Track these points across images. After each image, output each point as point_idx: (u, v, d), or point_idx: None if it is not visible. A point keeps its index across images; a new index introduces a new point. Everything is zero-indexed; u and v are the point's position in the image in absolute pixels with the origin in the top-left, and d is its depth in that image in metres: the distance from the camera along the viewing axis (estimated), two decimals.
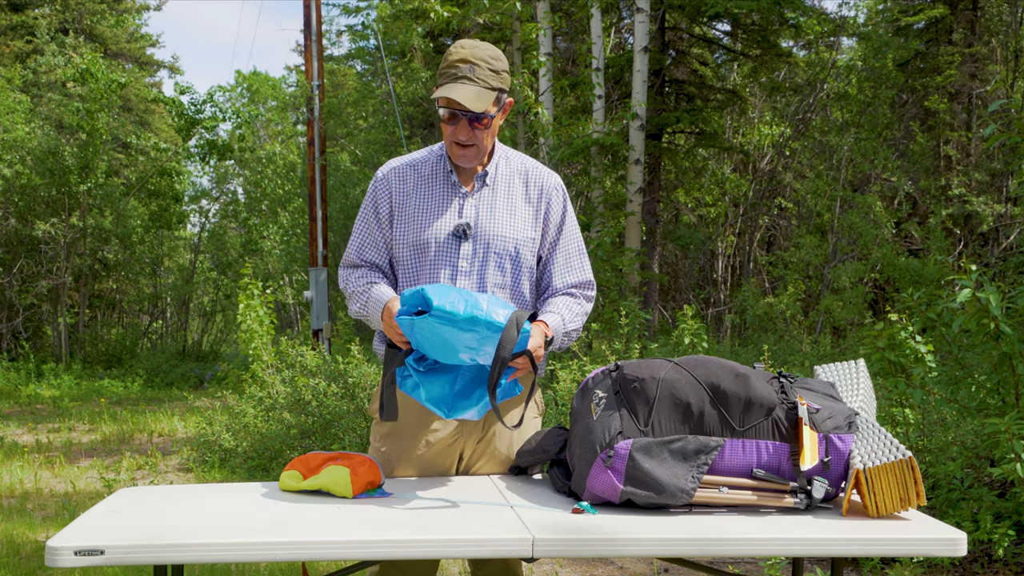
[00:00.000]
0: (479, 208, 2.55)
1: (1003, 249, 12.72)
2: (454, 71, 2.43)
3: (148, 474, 6.99)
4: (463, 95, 2.40)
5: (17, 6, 19.97)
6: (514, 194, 2.59)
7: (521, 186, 2.61)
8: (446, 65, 2.45)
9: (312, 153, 11.38)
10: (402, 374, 2.33)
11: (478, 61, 2.43)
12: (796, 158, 16.57)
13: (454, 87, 2.41)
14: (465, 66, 2.42)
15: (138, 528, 1.95)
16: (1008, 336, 4.20)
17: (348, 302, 2.60)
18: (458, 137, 2.47)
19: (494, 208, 2.55)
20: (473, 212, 2.54)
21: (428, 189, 2.56)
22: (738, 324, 13.45)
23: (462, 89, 2.41)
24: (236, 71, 46.39)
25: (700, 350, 6.62)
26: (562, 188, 2.66)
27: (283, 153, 21.98)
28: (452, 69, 2.43)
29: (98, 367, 15.70)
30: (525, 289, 2.58)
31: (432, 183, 2.57)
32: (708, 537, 1.97)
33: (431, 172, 2.58)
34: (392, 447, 2.54)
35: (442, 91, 2.43)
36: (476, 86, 2.42)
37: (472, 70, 2.42)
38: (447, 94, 2.41)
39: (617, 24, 14.80)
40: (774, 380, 2.24)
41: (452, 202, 2.55)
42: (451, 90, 2.41)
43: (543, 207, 2.60)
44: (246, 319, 8.99)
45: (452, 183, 2.56)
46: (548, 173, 2.64)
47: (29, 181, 15.44)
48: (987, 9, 14.60)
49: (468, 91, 2.41)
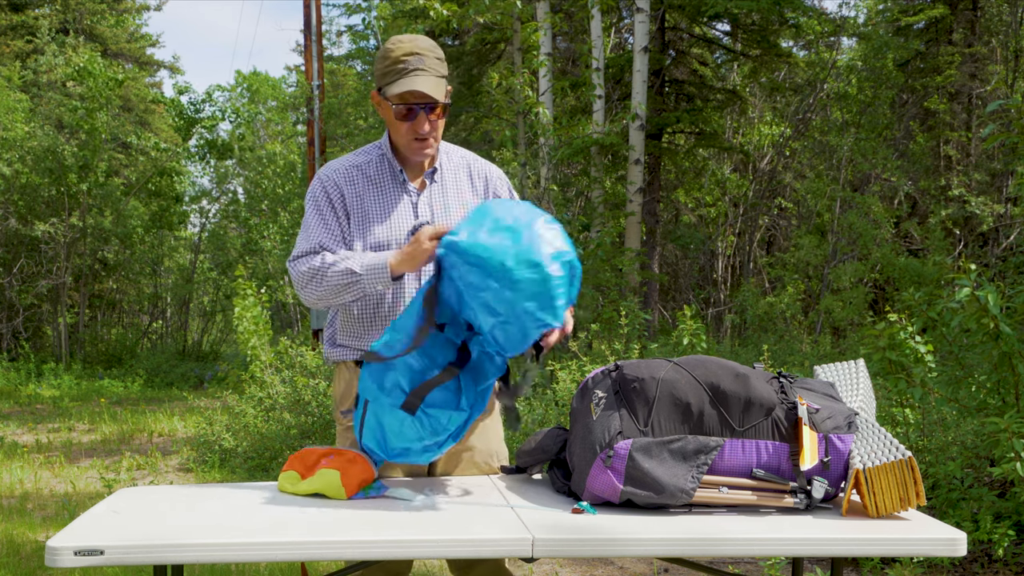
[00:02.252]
0: (432, 206, 2.53)
1: (1003, 249, 12.71)
2: (403, 66, 2.39)
3: (148, 474, 6.99)
4: (426, 86, 2.37)
5: (17, 6, 19.97)
6: (462, 188, 2.58)
7: (467, 179, 2.60)
8: (391, 62, 2.40)
9: (312, 153, 11.38)
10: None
11: (424, 52, 2.40)
12: (796, 158, 16.56)
13: (413, 79, 2.38)
14: (414, 58, 2.39)
15: (138, 528, 1.95)
16: (1008, 336, 4.20)
17: (311, 284, 2.39)
18: (419, 131, 2.44)
19: (446, 204, 2.54)
20: (427, 211, 2.51)
21: (378, 190, 2.52)
22: (738, 324, 13.44)
23: (422, 80, 2.38)
24: (236, 71, 46.39)
25: (700, 350, 6.62)
26: (503, 177, 2.67)
27: (283, 153, 21.97)
28: (401, 64, 2.39)
29: (98, 367, 15.70)
30: None
31: (380, 184, 2.52)
32: (708, 537, 1.97)
33: (376, 173, 2.53)
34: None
35: (400, 86, 2.38)
36: (431, 75, 2.40)
37: (422, 61, 2.39)
38: (409, 87, 2.37)
39: (617, 24, 14.79)
40: (774, 380, 2.24)
41: (404, 202, 2.52)
42: (412, 83, 2.37)
43: (490, 196, 2.60)
44: (242, 320, 8.99)
45: (401, 182, 2.53)
46: (488, 164, 2.65)
47: (29, 181, 15.44)
48: (987, 9, 14.60)
49: (428, 81, 2.39)
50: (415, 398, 2.19)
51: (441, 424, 2.23)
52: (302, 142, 23.25)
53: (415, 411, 2.19)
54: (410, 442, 2.25)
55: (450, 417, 2.24)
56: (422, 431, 2.23)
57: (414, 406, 2.19)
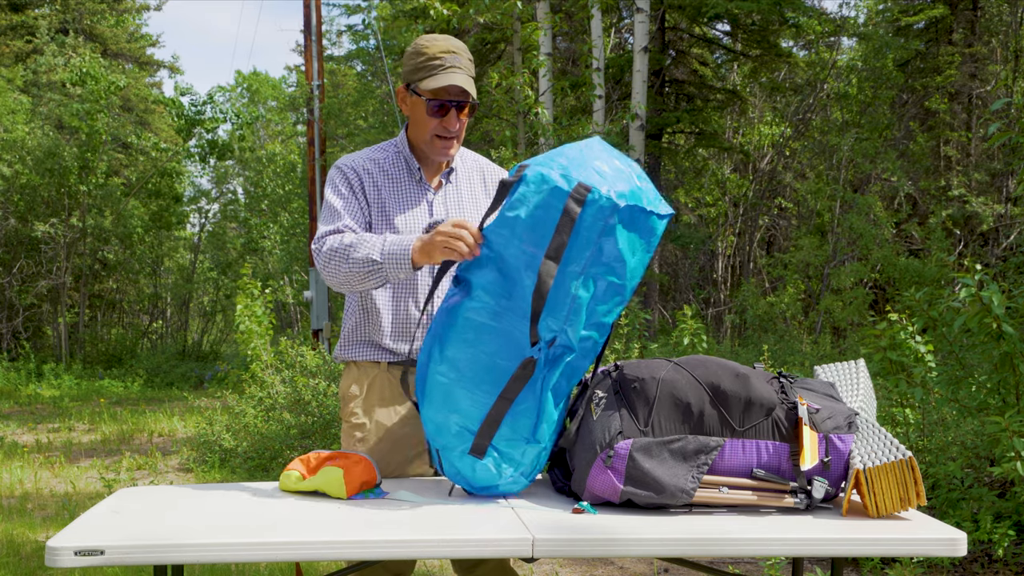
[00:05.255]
0: (447, 205, 2.53)
1: (1003, 249, 12.72)
2: (439, 62, 2.38)
3: (148, 474, 6.99)
4: (464, 82, 2.38)
5: (17, 6, 19.96)
6: (476, 191, 2.59)
7: (480, 182, 2.61)
8: (427, 58, 2.39)
9: (312, 153, 11.38)
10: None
11: (458, 51, 2.41)
12: (796, 158, 16.57)
13: (452, 75, 2.37)
14: (450, 56, 2.39)
15: (138, 528, 1.95)
16: (1009, 335, 4.20)
17: (331, 266, 2.30)
18: (448, 128, 2.44)
19: (460, 204, 2.55)
20: (442, 210, 2.52)
21: (395, 185, 2.52)
22: (738, 324, 13.45)
23: (460, 77, 2.38)
24: (236, 71, 46.38)
25: (700, 350, 6.62)
26: None
27: (283, 153, 21.99)
28: (437, 60, 2.38)
29: (98, 367, 15.70)
30: None
31: (398, 180, 2.52)
32: (708, 537, 1.97)
33: (394, 169, 2.53)
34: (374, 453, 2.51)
35: (436, 81, 2.37)
36: (465, 73, 2.41)
37: (458, 59, 2.40)
38: (448, 82, 2.36)
39: (617, 24, 14.80)
40: (774, 380, 2.24)
41: (421, 200, 2.52)
42: (450, 77, 2.36)
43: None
44: (244, 319, 8.98)
45: (418, 180, 2.52)
46: (500, 170, 2.66)
47: (29, 181, 15.45)
48: (987, 9, 14.61)
49: (464, 79, 2.39)
50: (483, 439, 2.10)
51: (515, 459, 2.14)
52: (302, 142, 23.25)
53: (484, 454, 2.10)
54: (492, 480, 2.17)
55: (524, 451, 2.15)
56: (496, 471, 2.14)
57: (483, 448, 2.11)
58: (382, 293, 2.49)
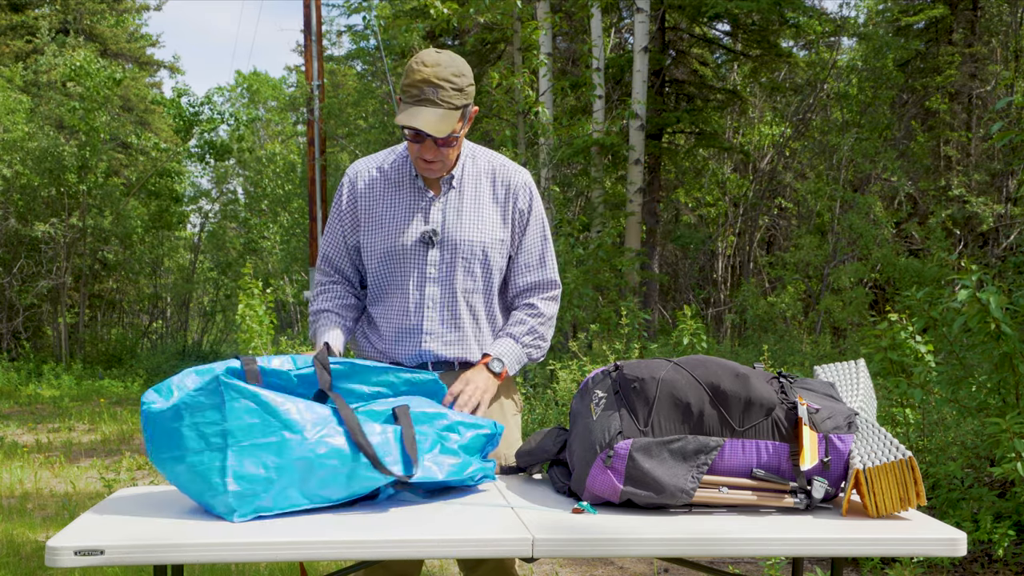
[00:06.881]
0: (446, 212, 2.50)
1: (1003, 249, 12.72)
2: (417, 92, 2.34)
3: (148, 474, 6.99)
4: (426, 122, 2.32)
5: (17, 6, 19.97)
6: (481, 195, 2.53)
7: (488, 186, 2.55)
8: (408, 83, 2.36)
9: (312, 153, 11.38)
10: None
11: (441, 82, 2.33)
12: (796, 158, 16.57)
13: (417, 113, 2.33)
14: (429, 88, 2.33)
15: (138, 528, 1.95)
16: (1009, 336, 4.20)
17: (312, 321, 2.59)
18: (424, 155, 2.42)
19: (461, 212, 2.50)
20: (440, 217, 2.49)
21: (394, 194, 2.51)
22: (738, 324, 13.45)
23: (425, 115, 2.33)
24: (236, 71, 46.42)
25: (700, 350, 6.62)
26: (529, 185, 2.58)
27: (283, 153, 21.99)
28: (415, 90, 2.34)
29: (98, 367, 15.70)
30: (497, 292, 2.57)
31: (399, 188, 2.52)
32: (708, 537, 1.97)
33: (397, 176, 2.53)
34: None
35: (404, 118, 2.34)
36: (440, 109, 2.34)
37: (436, 92, 2.33)
38: (409, 122, 2.32)
39: (617, 24, 14.81)
40: (774, 380, 2.24)
41: (419, 207, 2.50)
42: (413, 117, 2.33)
43: (510, 206, 2.54)
44: (245, 319, 8.99)
45: (418, 188, 2.51)
46: (516, 170, 2.57)
47: (29, 181, 15.45)
48: (987, 9, 14.61)
49: (431, 116, 2.33)
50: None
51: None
52: (302, 142, 23.25)
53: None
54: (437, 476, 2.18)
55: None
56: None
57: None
58: (379, 305, 2.54)
